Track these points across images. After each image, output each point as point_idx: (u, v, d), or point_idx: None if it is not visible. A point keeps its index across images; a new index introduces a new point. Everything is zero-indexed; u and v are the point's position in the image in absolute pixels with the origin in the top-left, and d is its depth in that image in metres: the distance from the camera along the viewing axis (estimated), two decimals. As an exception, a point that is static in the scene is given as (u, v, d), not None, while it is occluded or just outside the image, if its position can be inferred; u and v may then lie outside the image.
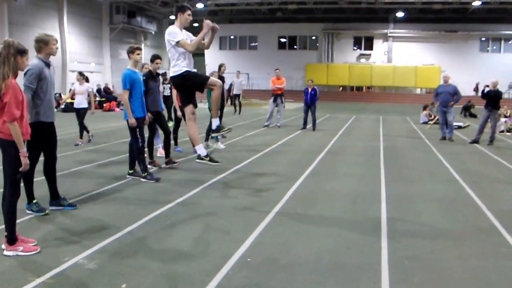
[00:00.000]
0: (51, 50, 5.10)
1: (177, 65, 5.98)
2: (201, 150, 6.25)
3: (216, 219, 5.26)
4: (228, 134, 10.96)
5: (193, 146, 6.20)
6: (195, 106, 6.32)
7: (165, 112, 9.14)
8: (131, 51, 7.06)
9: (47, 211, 5.21)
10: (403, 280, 3.72)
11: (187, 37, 6.06)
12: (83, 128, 11.06)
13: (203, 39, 6.08)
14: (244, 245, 4.38)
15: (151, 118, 7.91)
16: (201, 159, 6.23)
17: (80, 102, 11.07)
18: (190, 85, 6.13)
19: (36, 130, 4.85)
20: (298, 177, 7.61)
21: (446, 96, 12.91)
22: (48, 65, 5.11)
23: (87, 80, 11.63)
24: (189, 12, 6.07)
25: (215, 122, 6.31)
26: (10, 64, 3.91)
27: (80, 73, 11.47)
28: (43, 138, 5.12)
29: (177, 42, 5.88)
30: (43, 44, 5.02)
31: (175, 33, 5.93)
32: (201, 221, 5.15)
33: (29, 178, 5.08)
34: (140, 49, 7.29)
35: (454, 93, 12.95)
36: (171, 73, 6.06)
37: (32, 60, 4.91)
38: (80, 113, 11.06)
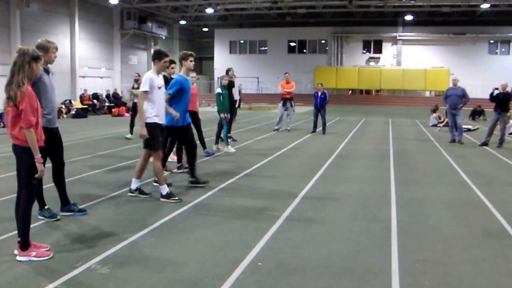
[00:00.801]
0: (49, 58, 5.12)
1: (147, 110, 6.09)
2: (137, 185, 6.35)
3: (227, 223, 5.29)
4: (238, 137, 11.00)
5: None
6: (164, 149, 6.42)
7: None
8: (184, 58, 6.90)
9: (58, 217, 5.26)
10: (414, 283, 3.72)
11: (158, 85, 6.12)
12: None
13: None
14: (255, 250, 4.40)
15: None
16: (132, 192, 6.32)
17: None
18: (149, 135, 6.13)
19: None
20: (308, 180, 7.62)
21: (455, 99, 12.90)
22: (47, 71, 5.13)
23: None
24: (165, 59, 6.18)
25: (164, 190, 6.22)
26: (25, 72, 3.98)
27: None
28: (48, 144, 5.02)
29: (142, 91, 6.03)
30: (43, 51, 4.99)
31: (146, 83, 6.03)
32: (212, 226, 5.18)
33: (38, 185, 5.13)
34: (194, 56, 7.09)
35: (463, 96, 12.95)
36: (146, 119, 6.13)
37: None
38: None
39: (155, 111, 6.10)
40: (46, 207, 5.25)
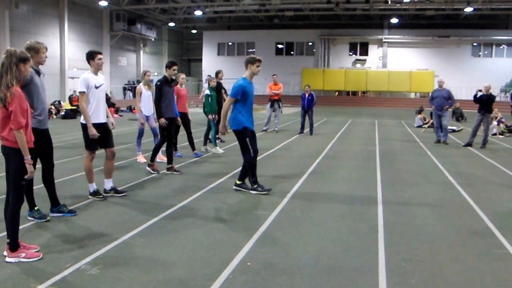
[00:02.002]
0: (41, 59, 5.14)
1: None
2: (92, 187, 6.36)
3: (216, 223, 5.32)
4: (226, 138, 11.06)
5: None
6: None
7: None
8: (251, 62, 6.77)
9: (48, 218, 5.25)
10: (400, 282, 3.79)
11: (97, 84, 6.11)
12: None
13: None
14: (244, 250, 4.44)
15: (166, 123, 7.96)
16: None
17: None
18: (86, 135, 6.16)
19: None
20: (296, 181, 7.68)
21: (441, 100, 13.09)
22: (38, 73, 5.15)
23: None
24: (99, 56, 6.17)
25: (92, 188, 6.29)
26: (13, 73, 3.97)
27: None
28: (38, 145, 5.07)
29: (80, 92, 6.04)
30: (34, 52, 5.02)
31: (81, 83, 6.03)
32: (201, 226, 5.21)
33: (29, 186, 5.14)
34: (261, 62, 6.90)
35: (449, 97, 13.15)
36: (81, 119, 6.14)
37: None
38: None
39: (92, 110, 6.10)
40: (36, 208, 5.24)
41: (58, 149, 5.58)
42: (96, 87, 6.12)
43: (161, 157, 9.25)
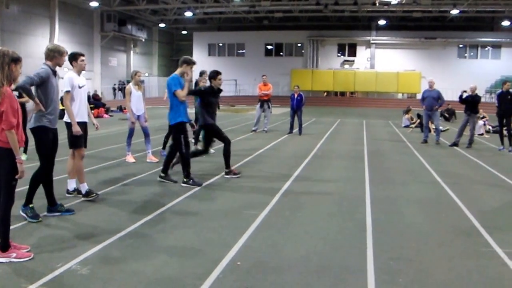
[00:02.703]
0: (62, 61, 5.40)
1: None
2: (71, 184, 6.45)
3: (206, 223, 5.34)
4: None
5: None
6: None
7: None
8: (186, 62, 7.26)
9: (40, 219, 5.22)
10: (389, 281, 3.84)
11: (80, 84, 6.16)
12: None
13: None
14: (234, 249, 4.47)
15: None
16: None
17: None
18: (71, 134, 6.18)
19: (43, 135, 5.15)
20: (286, 180, 7.72)
21: (431, 101, 13.25)
22: (54, 73, 5.33)
23: None
24: (82, 58, 6.22)
25: (84, 188, 6.28)
26: (5, 73, 3.97)
27: None
28: (50, 143, 5.29)
29: (65, 91, 6.06)
30: (58, 54, 5.32)
31: (67, 82, 6.06)
32: (191, 226, 5.22)
33: (35, 183, 5.29)
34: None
35: (438, 98, 13.30)
36: (65, 118, 6.16)
37: (42, 65, 5.22)
38: None
39: (76, 109, 6.14)
40: (31, 205, 5.23)
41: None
42: (80, 87, 6.18)
43: (150, 158, 9.26)
